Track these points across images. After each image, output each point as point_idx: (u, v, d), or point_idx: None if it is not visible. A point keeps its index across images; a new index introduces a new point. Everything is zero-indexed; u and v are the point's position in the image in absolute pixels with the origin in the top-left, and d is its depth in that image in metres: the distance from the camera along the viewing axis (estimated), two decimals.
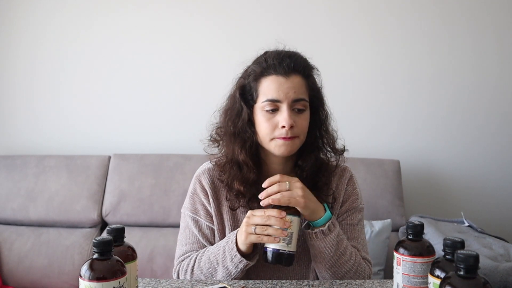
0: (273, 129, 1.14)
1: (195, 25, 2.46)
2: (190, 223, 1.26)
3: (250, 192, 1.19)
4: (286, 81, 1.14)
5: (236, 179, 1.19)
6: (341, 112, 2.25)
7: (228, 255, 1.12)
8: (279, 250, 1.05)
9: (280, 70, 1.14)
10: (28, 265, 2.15)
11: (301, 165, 1.21)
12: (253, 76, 1.18)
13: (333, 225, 1.14)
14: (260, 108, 1.16)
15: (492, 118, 2.42)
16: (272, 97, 1.13)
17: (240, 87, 1.20)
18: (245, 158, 1.18)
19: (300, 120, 1.15)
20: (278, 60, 1.15)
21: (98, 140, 2.51)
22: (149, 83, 2.50)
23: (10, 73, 2.54)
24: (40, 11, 2.50)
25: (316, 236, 1.12)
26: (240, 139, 1.19)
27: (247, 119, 1.18)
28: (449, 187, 2.44)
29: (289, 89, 1.13)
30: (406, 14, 2.41)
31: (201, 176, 1.26)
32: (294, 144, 1.16)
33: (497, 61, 2.40)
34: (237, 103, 1.20)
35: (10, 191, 2.27)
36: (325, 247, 1.13)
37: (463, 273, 0.76)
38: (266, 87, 1.15)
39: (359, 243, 1.23)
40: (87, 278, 0.82)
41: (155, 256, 2.12)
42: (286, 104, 1.13)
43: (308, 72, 1.19)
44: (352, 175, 1.29)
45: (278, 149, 1.15)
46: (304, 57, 1.21)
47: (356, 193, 1.28)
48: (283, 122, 1.12)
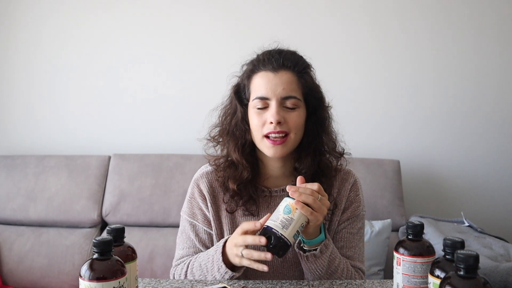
0: (263, 126, 1.14)
1: (195, 25, 2.45)
2: (187, 227, 1.25)
3: (246, 193, 1.19)
4: (274, 76, 1.13)
5: (231, 178, 1.19)
6: (341, 112, 2.25)
7: (215, 265, 1.10)
8: (272, 229, 0.98)
9: (269, 66, 1.14)
10: (28, 265, 2.15)
11: (298, 167, 1.19)
12: (246, 74, 1.19)
13: (325, 247, 1.09)
14: (252, 106, 1.16)
15: (492, 118, 2.42)
16: (261, 94, 1.13)
17: (234, 86, 1.21)
18: (238, 157, 1.18)
19: (291, 117, 1.13)
20: (268, 57, 1.16)
21: (98, 140, 2.51)
22: (149, 83, 2.50)
23: (10, 73, 2.54)
24: (39, 11, 2.50)
25: (307, 259, 1.09)
26: (234, 138, 1.19)
27: (240, 117, 1.18)
28: (449, 187, 2.44)
29: (277, 85, 1.12)
30: (407, 15, 2.40)
31: (199, 180, 1.25)
32: (284, 147, 1.13)
33: (498, 61, 2.40)
34: (232, 102, 1.21)
35: (10, 191, 2.27)
36: (316, 269, 1.10)
37: (463, 273, 0.76)
38: (256, 84, 1.16)
39: (355, 252, 1.21)
40: (87, 278, 0.82)
41: (155, 256, 2.12)
42: (275, 100, 1.12)
43: (301, 68, 1.17)
44: (356, 180, 1.26)
45: (268, 151, 1.15)
46: (297, 54, 1.20)
47: (359, 199, 1.25)
48: (270, 118, 1.12)
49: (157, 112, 2.50)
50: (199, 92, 2.45)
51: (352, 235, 1.22)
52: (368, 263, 2.01)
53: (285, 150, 1.15)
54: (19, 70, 2.54)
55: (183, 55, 2.48)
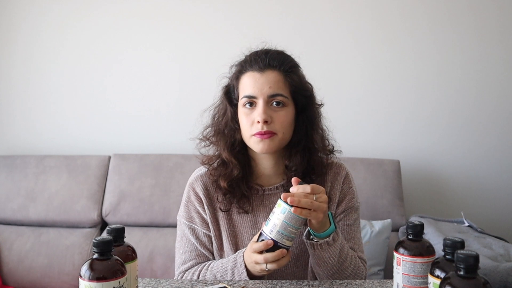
0: (251, 125, 1.16)
1: (196, 25, 2.46)
2: (186, 231, 1.26)
3: (239, 192, 1.21)
4: (261, 76, 1.16)
5: (222, 176, 1.21)
6: (342, 112, 2.26)
7: (236, 277, 1.13)
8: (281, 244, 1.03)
9: (255, 66, 1.17)
10: (28, 265, 2.15)
11: (288, 165, 1.21)
12: (235, 75, 1.22)
13: (337, 235, 1.12)
14: (241, 106, 1.18)
15: (493, 118, 2.42)
16: (249, 93, 1.16)
17: (224, 87, 1.24)
18: (228, 155, 1.20)
19: (278, 116, 1.15)
20: (254, 57, 1.18)
21: (98, 140, 2.51)
22: (149, 83, 2.49)
23: (10, 73, 2.54)
24: (39, 11, 2.50)
25: (321, 247, 1.10)
26: (224, 137, 1.22)
27: (230, 117, 1.21)
28: (449, 187, 2.44)
29: (264, 85, 1.14)
30: (408, 15, 2.40)
31: (194, 183, 1.27)
32: (272, 141, 1.15)
33: (498, 61, 2.40)
34: (223, 103, 1.24)
35: (10, 191, 2.27)
36: (329, 257, 1.11)
37: (463, 273, 0.75)
38: (243, 84, 1.18)
39: (355, 243, 1.23)
40: (87, 278, 0.82)
41: (155, 256, 2.12)
42: (262, 100, 1.14)
43: (287, 67, 1.18)
44: (348, 172, 1.29)
45: (256, 146, 1.16)
46: (284, 53, 1.21)
47: (352, 191, 1.27)
48: (257, 117, 1.14)
49: (157, 112, 2.50)
50: (200, 92, 2.45)
51: (349, 227, 1.24)
52: (368, 263, 2.00)
53: (272, 146, 1.16)
54: (19, 70, 2.54)
55: (183, 55, 2.48)
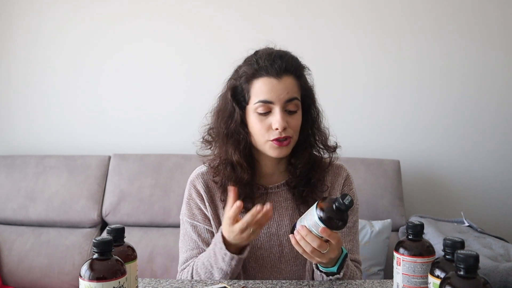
0: (267, 131, 1.15)
1: (196, 25, 2.45)
2: (189, 229, 1.26)
3: (243, 193, 1.20)
4: (278, 82, 1.14)
5: (230, 180, 1.20)
6: (342, 112, 2.26)
7: (219, 256, 1.12)
8: None
9: (272, 71, 1.15)
10: (28, 265, 2.15)
11: (294, 163, 1.22)
12: (245, 77, 1.18)
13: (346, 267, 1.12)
14: (253, 110, 1.16)
15: (493, 118, 2.42)
16: (265, 99, 1.14)
17: (231, 88, 1.20)
18: (239, 159, 1.19)
19: (293, 121, 1.16)
20: (269, 62, 1.15)
21: (98, 140, 2.51)
22: (149, 83, 2.49)
23: (10, 73, 2.54)
24: (38, 11, 2.50)
25: (331, 281, 1.12)
26: (233, 140, 1.20)
27: (239, 120, 1.19)
28: (449, 187, 2.44)
29: (282, 91, 1.14)
30: (409, 15, 2.40)
31: (195, 181, 1.27)
32: (288, 146, 1.17)
33: (498, 62, 2.40)
34: (229, 104, 1.20)
35: (10, 191, 2.27)
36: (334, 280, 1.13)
37: (463, 273, 0.76)
38: (258, 89, 1.15)
39: (353, 245, 1.25)
40: (87, 278, 0.82)
41: (155, 256, 2.12)
42: (279, 106, 1.14)
43: (300, 72, 1.20)
44: (349, 174, 1.30)
45: (273, 152, 1.17)
46: (295, 56, 1.21)
47: (353, 194, 1.28)
48: (276, 124, 1.13)
49: (157, 112, 2.50)
50: (200, 92, 2.45)
51: (348, 229, 1.25)
52: (368, 263, 2.01)
53: (289, 150, 1.19)
54: (19, 70, 2.54)
55: (183, 55, 2.47)
